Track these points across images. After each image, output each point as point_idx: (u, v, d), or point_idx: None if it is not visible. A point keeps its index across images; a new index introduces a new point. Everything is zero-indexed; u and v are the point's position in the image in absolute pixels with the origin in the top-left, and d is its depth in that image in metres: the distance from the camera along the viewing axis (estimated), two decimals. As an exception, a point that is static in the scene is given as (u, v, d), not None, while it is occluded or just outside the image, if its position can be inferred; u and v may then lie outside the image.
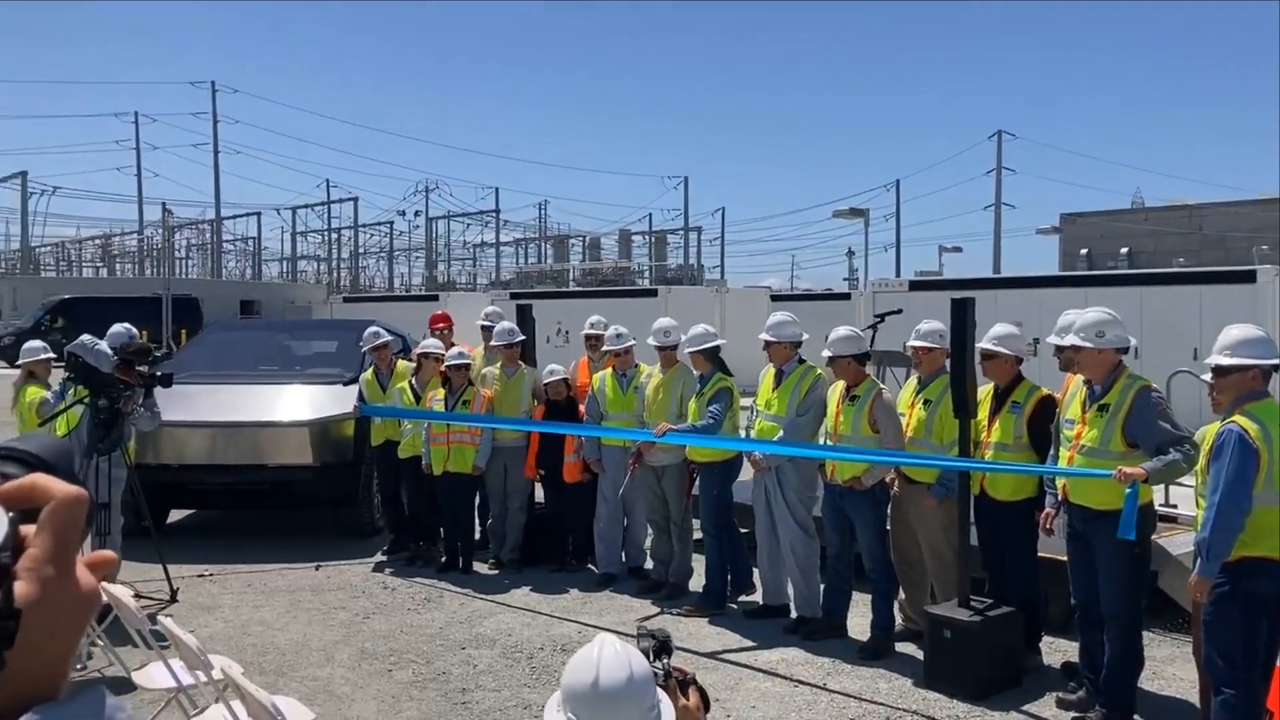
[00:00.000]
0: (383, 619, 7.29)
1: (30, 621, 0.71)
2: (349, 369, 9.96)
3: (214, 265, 60.85)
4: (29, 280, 48.25)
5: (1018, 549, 6.07)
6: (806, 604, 6.88)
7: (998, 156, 45.29)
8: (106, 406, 7.00)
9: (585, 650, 2.03)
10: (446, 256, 63.45)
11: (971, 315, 5.89)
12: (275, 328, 15.53)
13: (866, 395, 6.48)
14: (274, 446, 9.19)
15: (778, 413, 6.84)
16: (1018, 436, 5.99)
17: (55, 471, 0.79)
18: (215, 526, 10.49)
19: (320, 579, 8.35)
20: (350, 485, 9.47)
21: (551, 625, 7.10)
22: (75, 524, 0.75)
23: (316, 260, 67.34)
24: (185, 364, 10.44)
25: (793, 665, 6.27)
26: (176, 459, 9.12)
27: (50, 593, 0.73)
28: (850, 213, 28.12)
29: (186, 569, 8.31)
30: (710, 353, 7.41)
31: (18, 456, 0.79)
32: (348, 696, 5.87)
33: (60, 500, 0.75)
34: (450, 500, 8.52)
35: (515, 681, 6.07)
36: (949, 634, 5.79)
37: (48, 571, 0.73)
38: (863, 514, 6.50)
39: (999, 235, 44.00)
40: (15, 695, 0.72)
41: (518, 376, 8.65)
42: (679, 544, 7.79)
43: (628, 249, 56.25)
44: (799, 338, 6.99)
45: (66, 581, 0.75)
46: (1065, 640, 6.39)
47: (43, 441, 0.82)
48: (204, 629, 6.97)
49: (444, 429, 8.40)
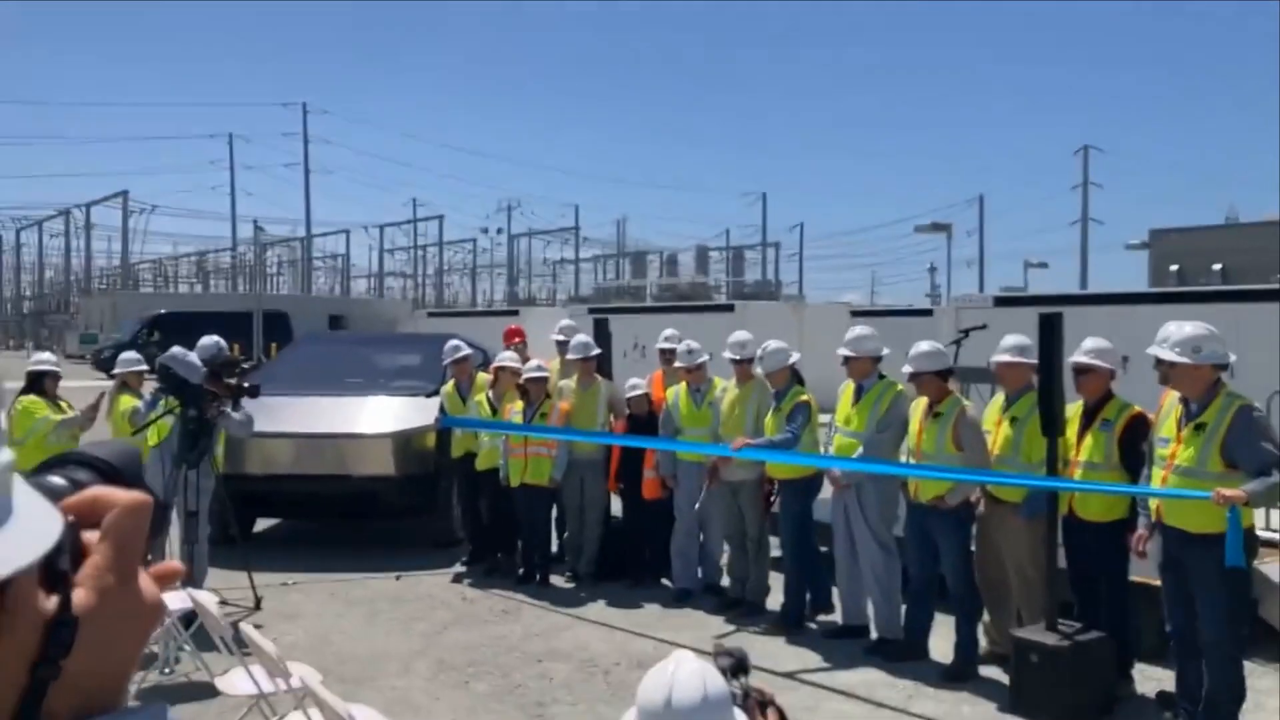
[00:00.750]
0: (461, 630, 7.33)
1: (89, 631, 0.70)
2: (431, 381, 10.07)
3: (304, 281, 62.38)
4: (128, 296, 49.90)
5: (1108, 572, 5.87)
6: (887, 625, 6.74)
7: (1084, 171, 44.39)
8: (195, 417, 7.17)
9: (660, 667, 1.99)
10: (527, 273, 64.20)
11: (1060, 330, 5.73)
12: (360, 341, 15.80)
13: (950, 412, 6.34)
14: (358, 457, 9.33)
15: (857, 429, 6.73)
16: (1108, 455, 5.80)
17: (122, 477, 0.78)
18: (299, 536, 10.67)
19: (400, 589, 8.43)
20: (430, 496, 9.56)
21: (628, 641, 7.07)
22: (138, 532, 0.74)
23: (402, 277, 68.65)
24: (274, 376, 10.64)
25: (873, 687, 6.14)
26: (263, 469, 9.30)
27: (110, 602, 0.72)
28: (932, 228, 27.73)
29: (271, 577, 8.44)
30: (787, 366, 7.33)
31: (87, 462, 0.78)
32: (425, 707, 5.90)
33: (123, 508, 0.74)
34: (527, 512, 8.55)
35: (591, 696, 6.04)
36: (1036, 658, 5.62)
37: (108, 580, 0.72)
38: (947, 534, 6.35)
39: (1086, 251, 43.04)
40: (73, 706, 0.70)
41: (593, 390, 8.65)
42: (756, 561, 7.70)
43: (705, 265, 56.23)
44: (879, 352, 6.87)
45: (128, 591, 0.73)
46: (1158, 669, 6.16)
47: (112, 447, 0.82)
48: (286, 637, 7.08)
49: (521, 441, 8.44)
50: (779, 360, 7.27)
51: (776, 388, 7.33)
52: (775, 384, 7.33)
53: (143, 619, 0.74)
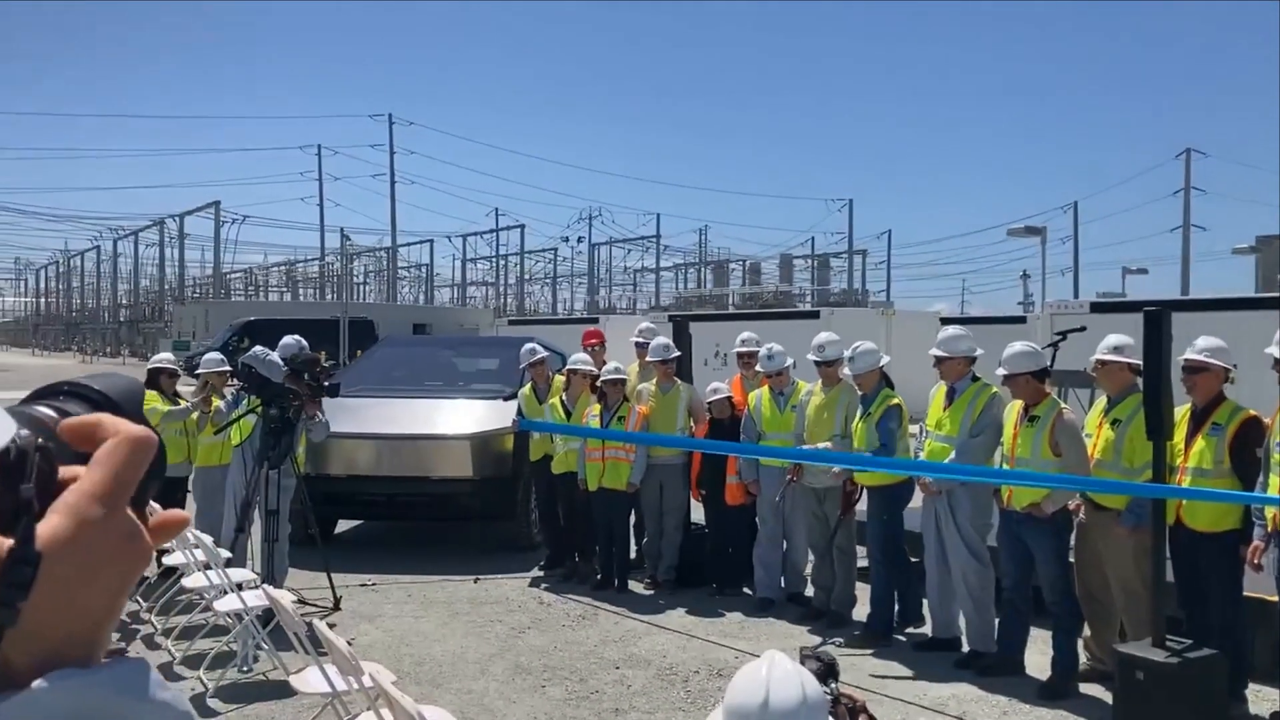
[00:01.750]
0: (538, 634, 7.23)
1: (59, 567, 0.59)
2: (509, 384, 10.04)
3: (389, 290, 63.43)
4: (220, 304, 51.24)
5: (1220, 586, 5.53)
6: (980, 638, 6.45)
7: (1186, 175, 42.99)
8: (277, 416, 7.19)
9: (752, 667, 1.82)
10: (608, 281, 64.41)
11: (1167, 327, 5.41)
12: (440, 344, 15.89)
13: (1047, 415, 6.04)
14: (436, 459, 9.32)
15: (949, 433, 6.46)
16: (1218, 461, 5.46)
17: (121, 412, 0.67)
18: (379, 537, 10.70)
19: (478, 592, 8.38)
20: (508, 499, 9.51)
21: (707, 649, 6.89)
22: (136, 465, 0.64)
23: (485, 285, 69.40)
24: (355, 378, 10.72)
25: (964, 703, 5.87)
26: (344, 470, 9.34)
27: (89, 535, 0.61)
28: (1026, 231, 26.99)
29: (350, 578, 8.46)
30: (878, 369, 7.10)
31: (82, 394, 0.69)
32: (500, 711, 5.80)
33: (125, 437, 0.64)
34: (605, 517, 8.42)
35: (669, 704, 5.88)
36: (1142, 676, 5.29)
37: (92, 510, 0.61)
38: (1043, 543, 6.05)
39: (1187, 258, 41.65)
40: (35, 658, 0.59)
41: (673, 393, 8.50)
42: (841, 570, 7.46)
43: (789, 273, 55.74)
44: (973, 352, 6.60)
45: (112, 527, 0.62)
46: (1274, 689, 5.78)
47: (112, 380, 0.71)
48: (364, 637, 7.05)
49: (600, 445, 8.33)
50: (870, 361, 7.04)
51: (865, 391, 7.09)
52: (864, 387, 7.09)
53: (126, 563, 0.63)
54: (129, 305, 71.79)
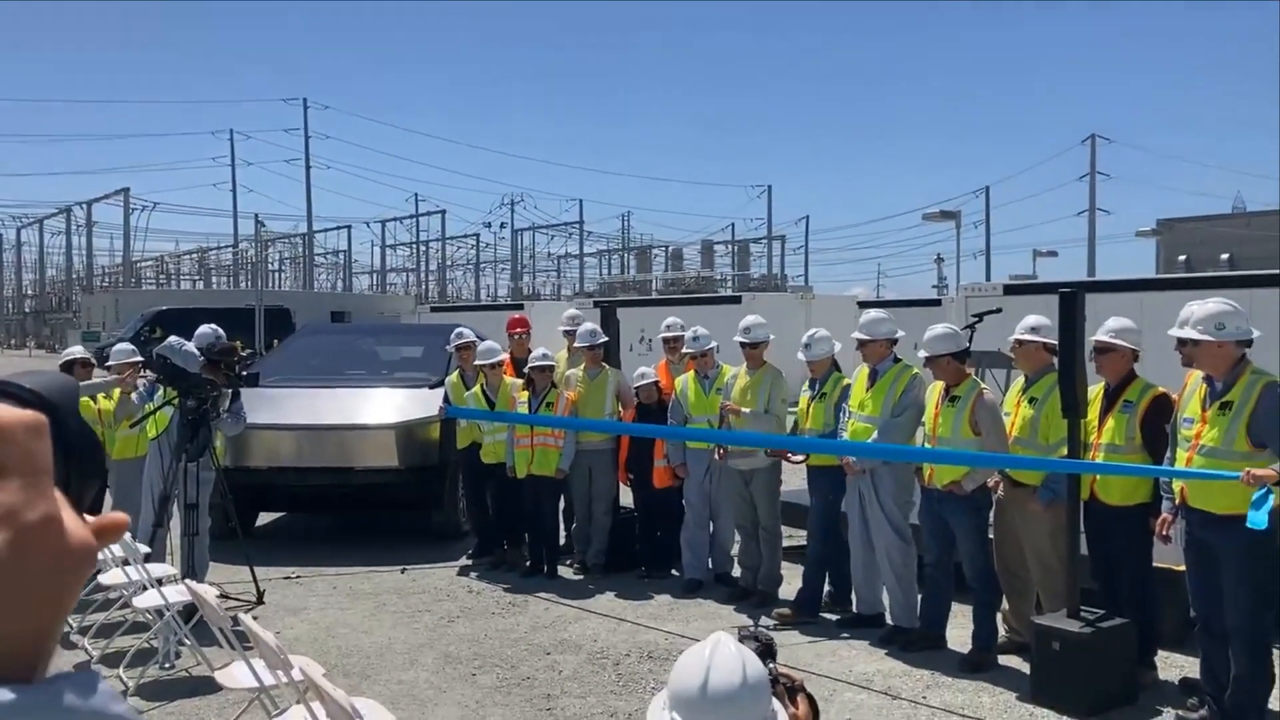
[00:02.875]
0: (467, 623, 7.20)
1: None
2: (434, 372, 9.95)
3: (306, 277, 62.24)
4: (130, 293, 49.81)
5: (1131, 557, 5.72)
6: (904, 614, 6.59)
7: (1091, 161, 44.12)
8: (194, 407, 7.03)
9: (697, 649, 1.84)
10: (531, 268, 64.07)
11: (1081, 308, 5.58)
12: (362, 332, 15.65)
13: (967, 395, 6.19)
14: (360, 449, 9.20)
15: (872, 414, 6.58)
16: (1130, 437, 5.65)
17: (59, 413, 0.64)
18: (302, 529, 10.55)
19: (405, 582, 8.31)
20: (436, 488, 9.44)
21: (638, 632, 6.93)
22: (32, 455, 0.59)
23: (405, 272, 68.50)
24: (275, 368, 10.52)
25: (890, 677, 6.00)
26: (265, 461, 9.18)
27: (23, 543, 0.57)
28: (941, 215, 27.52)
29: (274, 571, 8.33)
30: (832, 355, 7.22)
31: (13, 393, 0.64)
32: (431, 700, 5.77)
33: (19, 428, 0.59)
34: (534, 504, 8.41)
35: (601, 688, 5.91)
36: (1058, 646, 5.47)
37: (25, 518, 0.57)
38: (963, 520, 6.20)
39: (1093, 241, 42.84)
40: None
41: (601, 378, 8.51)
42: (767, 550, 7.56)
43: (710, 259, 56.01)
44: (894, 334, 6.73)
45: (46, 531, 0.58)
46: (1181, 655, 6.02)
47: (44, 379, 0.67)
48: (290, 631, 6.96)
49: (528, 432, 8.31)
50: (826, 349, 7.14)
51: (816, 375, 7.18)
52: (816, 372, 7.18)
53: (67, 566, 0.59)
54: (34, 295, 69.41)
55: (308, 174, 57.82)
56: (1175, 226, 39.67)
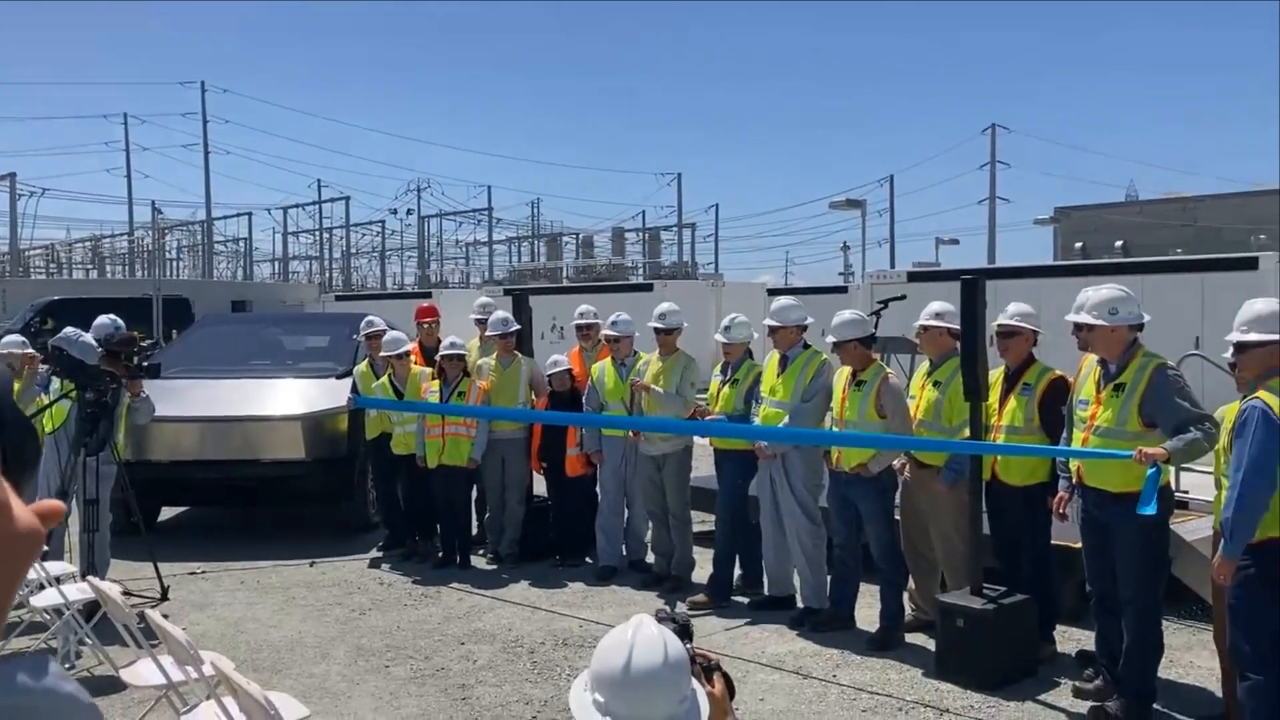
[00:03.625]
0: (379, 615, 7.13)
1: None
2: (341, 362, 9.82)
3: (205, 266, 60.54)
4: (18, 282, 47.80)
5: (1030, 535, 5.92)
6: (814, 595, 6.72)
7: (991, 150, 45.16)
8: (93, 400, 6.82)
9: (619, 630, 1.87)
10: (439, 255, 63.28)
11: (982, 294, 5.74)
12: (267, 321, 15.33)
13: (873, 380, 6.33)
14: (266, 441, 9.03)
15: (782, 399, 6.68)
16: (1029, 419, 5.84)
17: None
18: (208, 524, 10.32)
19: (315, 575, 8.19)
20: (345, 480, 9.32)
21: (552, 620, 6.94)
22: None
23: (308, 260, 67.06)
24: (176, 359, 10.27)
25: (800, 658, 6.12)
26: (167, 455, 8.96)
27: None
28: (847, 204, 27.99)
29: (178, 567, 8.15)
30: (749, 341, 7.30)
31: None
32: (344, 693, 5.71)
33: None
34: (446, 494, 8.36)
35: (516, 676, 5.91)
36: (962, 623, 5.64)
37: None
38: (870, 502, 6.34)
39: (994, 228, 43.89)
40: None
41: (514, 367, 8.48)
42: (678, 536, 7.63)
43: (621, 247, 56.01)
44: (804, 321, 6.84)
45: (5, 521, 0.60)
46: (1078, 629, 6.25)
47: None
48: (196, 627, 6.81)
49: (439, 421, 8.25)
50: (745, 333, 7.21)
51: (730, 360, 7.25)
52: (731, 356, 7.24)
53: (18, 552, 0.61)
54: (-86, 285, 66.22)
55: (206, 159, 56.24)
56: (1072, 214, 40.92)
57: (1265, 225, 31.67)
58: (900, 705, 5.38)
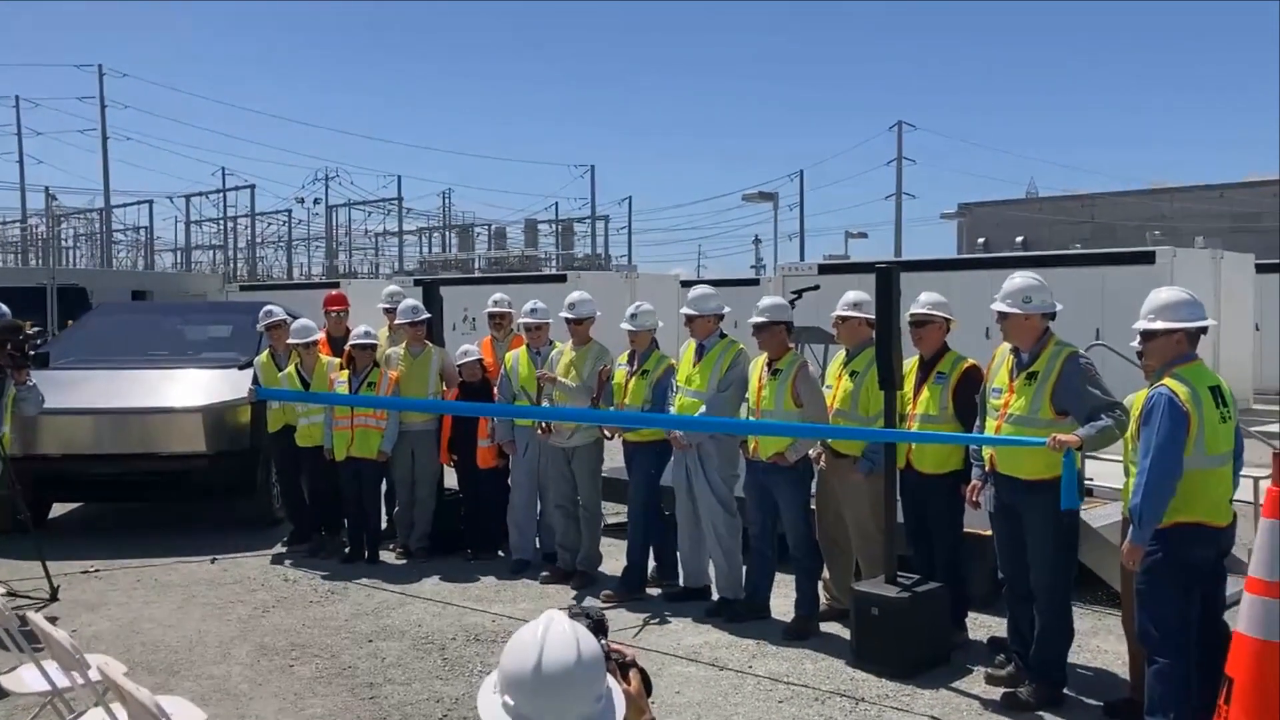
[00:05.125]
0: (283, 613, 6.89)
1: None
2: (244, 352, 9.50)
3: (103, 255, 58.45)
4: (-99, 271, 45.69)
5: (943, 523, 5.95)
6: (729, 585, 6.68)
7: (898, 147, 45.89)
8: (-25, 391, 6.46)
9: (529, 628, 1.75)
10: (347, 245, 62.10)
11: (897, 284, 5.75)
12: (165, 310, 14.83)
13: (789, 369, 6.30)
14: (165, 434, 8.70)
15: (699, 388, 6.62)
16: (943, 408, 5.86)
17: None
18: (102, 520, 9.91)
19: (216, 573, 7.90)
20: (247, 474, 9.03)
21: (464, 615, 6.79)
22: None
23: (212, 250, 65.27)
24: (67, 348, 9.85)
25: (716, 649, 6.07)
26: (59, 448, 8.58)
27: None
28: (759, 196, 28.19)
29: (70, 565, 7.80)
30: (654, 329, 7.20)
31: None
32: (246, 694, 5.49)
33: None
34: (354, 487, 8.13)
35: (426, 674, 5.75)
36: (876, 612, 5.65)
37: None
38: (786, 491, 6.32)
39: (900, 223, 44.63)
40: None
41: (424, 356, 8.29)
42: (587, 530, 7.52)
43: (534, 238, 55.67)
44: (721, 310, 6.79)
45: None
46: (989, 615, 6.31)
47: None
48: (89, 628, 6.51)
49: (348, 413, 8.02)
50: (651, 321, 7.12)
51: (638, 350, 7.15)
52: (639, 345, 7.15)
53: None
54: None
55: (104, 145, 54.21)
56: (975, 210, 41.85)
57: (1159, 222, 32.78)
58: (816, 695, 5.36)
